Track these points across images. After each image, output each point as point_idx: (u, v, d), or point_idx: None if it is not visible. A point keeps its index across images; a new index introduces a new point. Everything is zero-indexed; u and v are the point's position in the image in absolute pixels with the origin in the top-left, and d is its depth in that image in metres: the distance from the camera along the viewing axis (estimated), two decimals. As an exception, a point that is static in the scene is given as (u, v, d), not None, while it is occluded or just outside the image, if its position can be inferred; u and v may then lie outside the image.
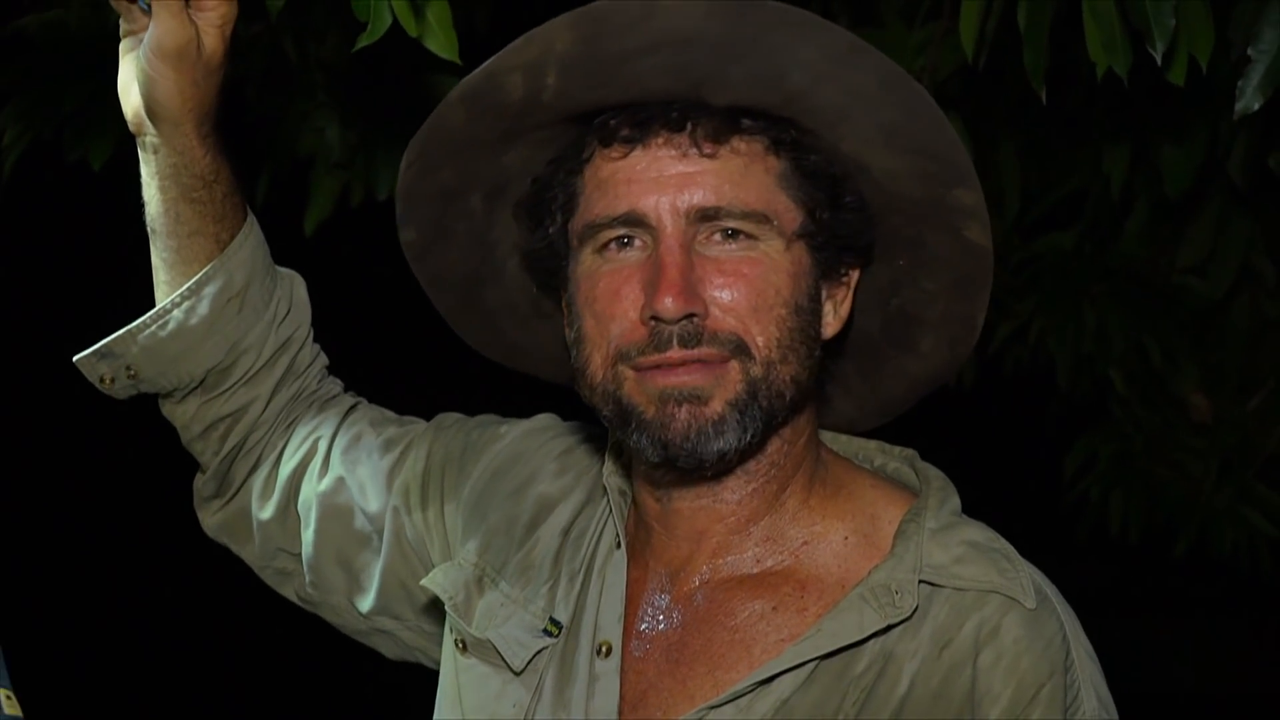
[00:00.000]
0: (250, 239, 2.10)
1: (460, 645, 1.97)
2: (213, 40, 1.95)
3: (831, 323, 1.88)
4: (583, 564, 1.94)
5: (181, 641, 7.99)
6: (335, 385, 2.27)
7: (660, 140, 1.79)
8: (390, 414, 2.24)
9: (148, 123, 2.01)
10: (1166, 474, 4.66)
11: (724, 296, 1.76)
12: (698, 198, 1.76)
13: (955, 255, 1.87)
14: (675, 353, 1.75)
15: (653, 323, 1.76)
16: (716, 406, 1.76)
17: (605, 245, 1.81)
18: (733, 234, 1.78)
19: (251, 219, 2.11)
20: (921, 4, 3.61)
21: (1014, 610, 1.75)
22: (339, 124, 3.60)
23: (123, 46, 2.03)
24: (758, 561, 1.85)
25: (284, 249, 2.22)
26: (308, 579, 2.19)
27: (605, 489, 1.98)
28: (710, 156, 1.78)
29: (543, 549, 1.98)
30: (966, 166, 1.81)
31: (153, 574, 7.89)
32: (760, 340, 1.77)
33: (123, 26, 2.02)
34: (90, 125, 3.32)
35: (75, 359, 2.11)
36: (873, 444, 2.01)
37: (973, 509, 1.89)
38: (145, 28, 1.95)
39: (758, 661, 1.78)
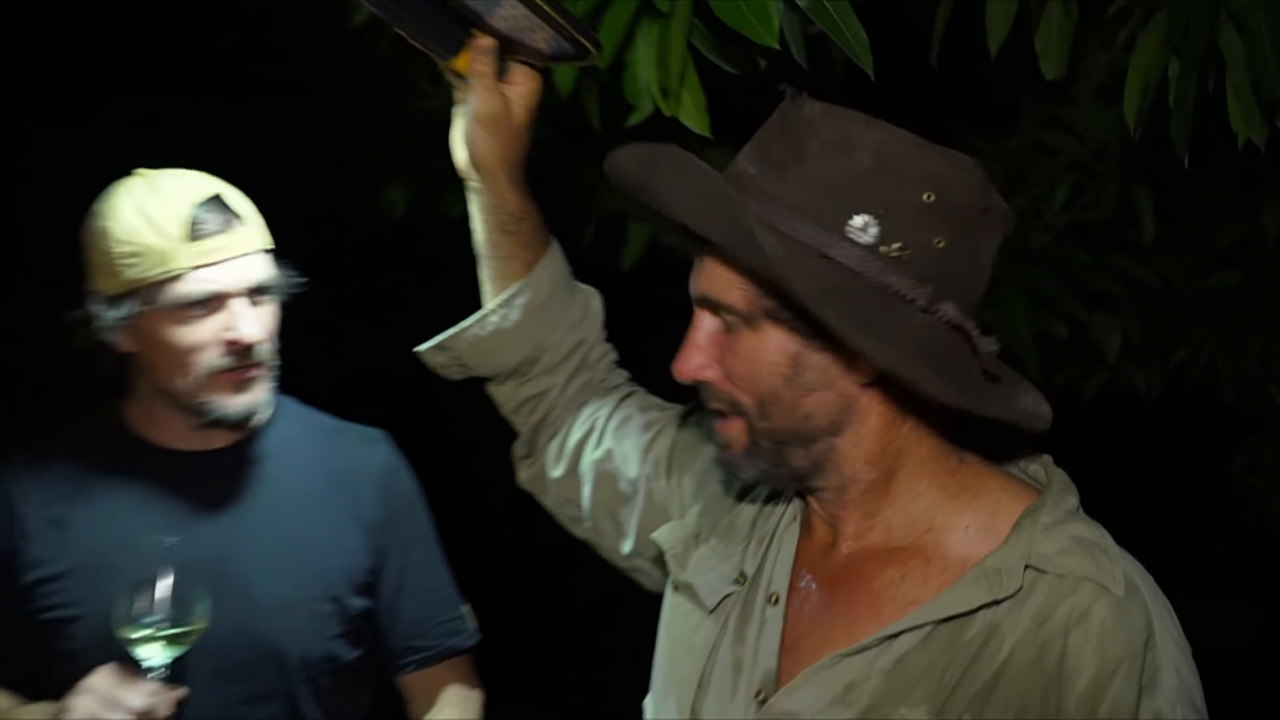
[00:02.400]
0: (552, 263, 2.37)
1: (674, 586, 2.17)
2: (519, 110, 2.27)
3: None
4: (770, 530, 2.11)
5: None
6: (620, 376, 2.52)
7: None
8: (656, 400, 2.47)
9: (471, 171, 2.32)
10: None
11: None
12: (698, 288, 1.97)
13: None
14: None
15: None
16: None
17: None
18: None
19: (554, 247, 2.38)
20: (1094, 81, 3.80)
21: (1104, 597, 1.83)
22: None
23: (456, 111, 2.33)
24: (887, 542, 1.98)
25: (605, 282, 2.53)
26: (587, 524, 2.45)
27: None
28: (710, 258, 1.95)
29: (744, 516, 2.15)
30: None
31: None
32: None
33: (455, 96, 2.32)
34: (454, 186, 3.97)
35: (417, 350, 2.43)
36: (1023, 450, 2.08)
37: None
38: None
39: (886, 620, 1.92)
